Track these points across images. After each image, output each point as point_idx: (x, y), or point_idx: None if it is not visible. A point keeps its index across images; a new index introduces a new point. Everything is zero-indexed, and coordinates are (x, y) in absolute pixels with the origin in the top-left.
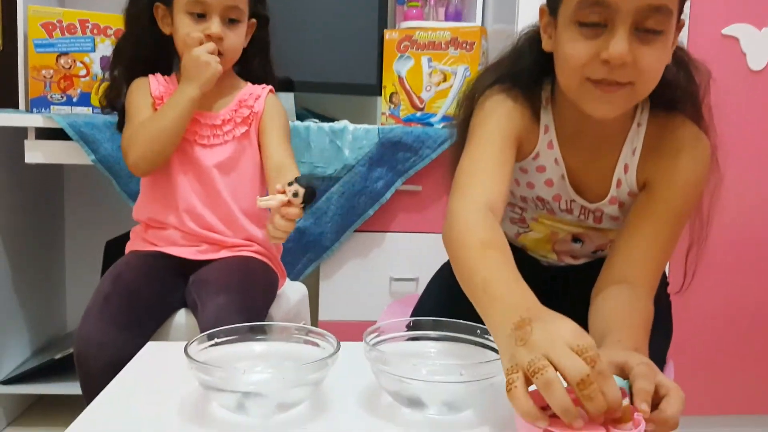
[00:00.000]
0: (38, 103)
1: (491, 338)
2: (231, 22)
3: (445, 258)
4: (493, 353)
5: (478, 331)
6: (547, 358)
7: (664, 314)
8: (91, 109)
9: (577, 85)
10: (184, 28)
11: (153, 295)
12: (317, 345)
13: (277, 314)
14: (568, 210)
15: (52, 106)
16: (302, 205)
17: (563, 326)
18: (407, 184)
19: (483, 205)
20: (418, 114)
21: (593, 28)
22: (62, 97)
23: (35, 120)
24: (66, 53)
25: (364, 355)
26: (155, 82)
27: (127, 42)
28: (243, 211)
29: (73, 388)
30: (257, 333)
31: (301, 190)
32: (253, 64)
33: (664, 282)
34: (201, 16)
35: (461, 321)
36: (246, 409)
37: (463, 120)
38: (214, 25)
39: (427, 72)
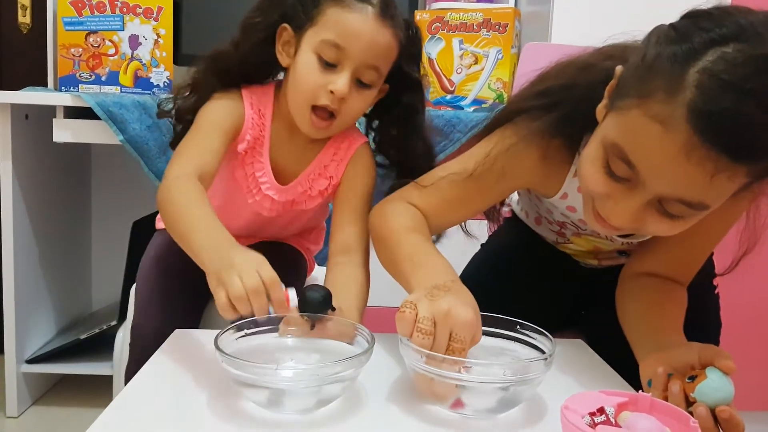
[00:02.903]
0: (67, 82)
1: (532, 334)
2: (361, 84)
3: (477, 246)
4: (536, 351)
5: (518, 326)
6: (435, 324)
7: (713, 310)
8: (119, 88)
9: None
10: (307, 71)
11: (196, 275)
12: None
13: None
14: (611, 240)
15: (80, 85)
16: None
17: (464, 314)
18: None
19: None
20: (448, 97)
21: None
22: (91, 75)
23: (64, 99)
24: (95, 32)
25: (400, 350)
26: (249, 112)
27: (237, 54)
28: (291, 232)
29: (97, 368)
30: (285, 323)
31: (314, 320)
32: (387, 126)
33: (710, 273)
34: (331, 65)
35: (499, 316)
36: (277, 406)
37: (489, 126)
38: (342, 81)
39: (458, 54)
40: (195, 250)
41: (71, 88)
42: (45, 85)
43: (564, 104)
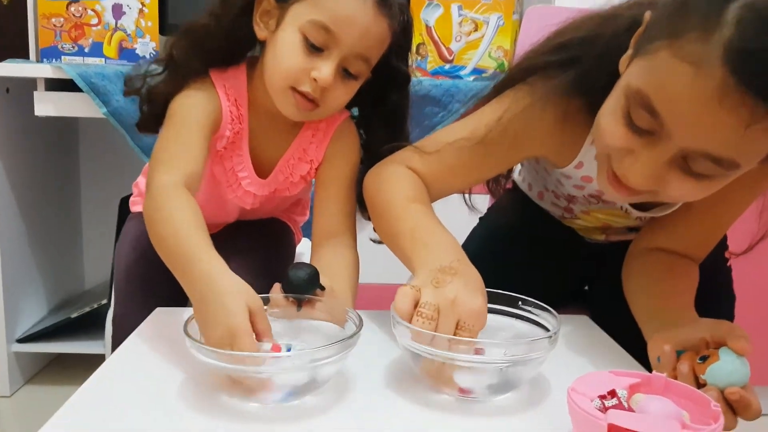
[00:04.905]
0: (49, 54)
1: (535, 311)
2: (347, 74)
3: (476, 220)
4: (539, 329)
5: (520, 302)
6: (438, 311)
7: (725, 284)
8: (103, 60)
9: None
10: (289, 51)
11: None
12: None
13: None
14: (627, 212)
15: (63, 57)
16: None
17: (472, 302)
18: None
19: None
20: (447, 66)
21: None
22: (74, 47)
23: (44, 70)
24: (76, 0)
25: (392, 328)
26: (226, 104)
27: (218, 27)
28: (276, 213)
29: (90, 346)
30: (270, 305)
31: (300, 301)
32: (375, 127)
33: (722, 245)
34: (317, 49)
35: (500, 291)
36: (254, 397)
37: (500, 86)
38: (327, 69)
39: (457, 21)
40: (186, 285)
41: (53, 60)
42: (27, 57)
43: (585, 59)
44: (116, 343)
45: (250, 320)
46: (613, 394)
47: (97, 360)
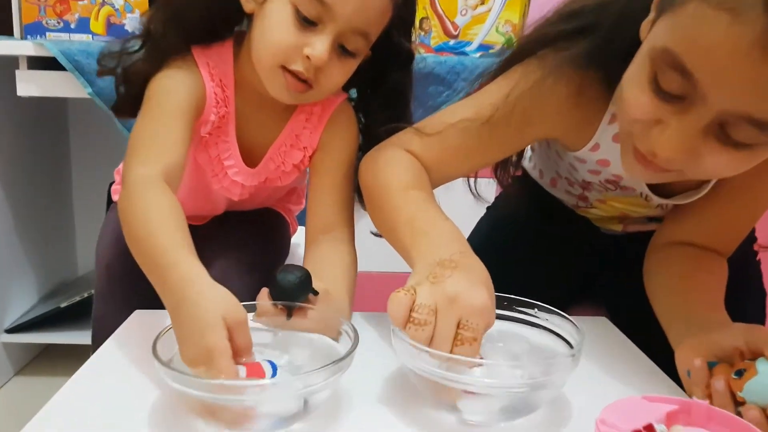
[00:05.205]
0: (33, 30)
1: (553, 318)
2: (344, 51)
3: (483, 209)
4: (555, 337)
5: (535, 309)
6: (436, 312)
7: (755, 279)
8: (90, 36)
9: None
10: (279, 26)
11: None
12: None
13: None
14: (647, 199)
15: (48, 33)
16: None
17: (475, 296)
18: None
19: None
20: (452, 42)
21: None
22: (59, 22)
23: (26, 47)
24: None
25: (392, 343)
26: (210, 86)
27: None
28: (269, 204)
29: (82, 337)
30: (257, 314)
31: (290, 308)
32: (374, 110)
33: (751, 237)
34: (310, 23)
35: (512, 296)
36: (234, 428)
37: (507, 62)
38: (321, 46)
39: None
40: (162, 293)
41: (37, 37)
42: (11, 33)
43: (600, 26)
44: (96, 345)
45: (229, 335)
46: (650, 430)
47: (88, 351)
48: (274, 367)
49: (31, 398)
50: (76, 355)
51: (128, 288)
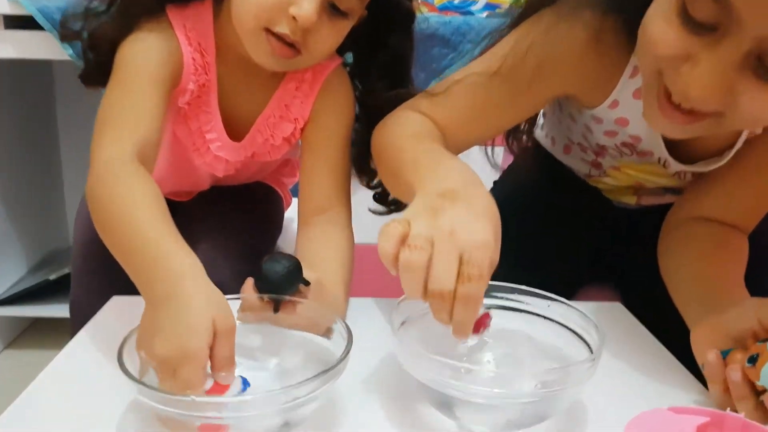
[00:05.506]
0: None
1: (568, 314)
2: (335, 11)
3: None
4: (569, 333)
5: (548, 304)
6: (432, 244)
7: None
8: None
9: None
10: None
11: None
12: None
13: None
14: (664, 165)
15: None
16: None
17: (477, 229)
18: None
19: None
20: (457, 1)
21: None
22: None
23: (0, 5)
24: None
25: (392, 339)
26: (187, 50)
27: None
28: (259, 178)
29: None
30: (241, 308)
31: (279, 302)
32: (372, 76)
33: None
34: None
35: (524, 287)
36: None
37: (518, 18)
38: (307, 4)
39: None
40: (142, 283)
41: None
42: None
43: None
44: (74, 331)
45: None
46: None
47: None
48: (246, 385)
49: (23, 371)
50: (67, 329)
51: (106, 272)
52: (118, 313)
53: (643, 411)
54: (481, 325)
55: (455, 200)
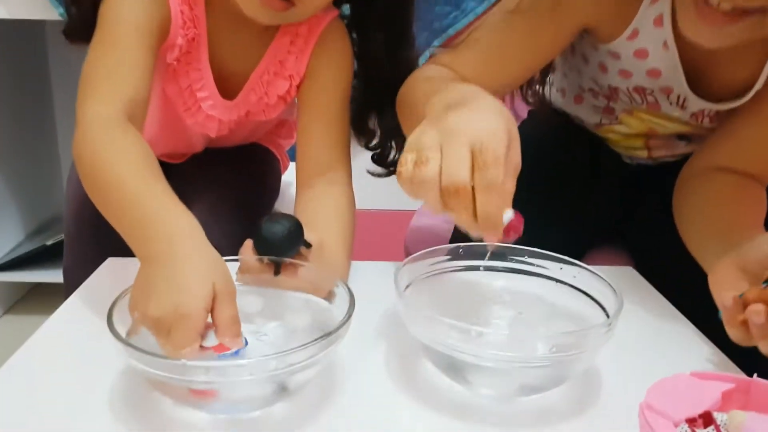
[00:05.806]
0: None
1: (583, 276)
2: None
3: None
4: (585, 297)
5: (562, 267)
6: (441, 150)
7: None
8: None
9: None
10: None
11: None
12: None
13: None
14: (681, 106)
15: None
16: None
17: (486, 119)
18: (447, 47)
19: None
20: None
21: None
22: None
23: None
24: None
25: (397, 302)
26: (175, 3)
27: None
28: (255, 138)
29: None
30: (240, 270)
31: (279, 264)
32: (371, 29)
33: None
34: None
35: (537, 250)
36: (203, 408)
37: None
38: None
39: None
40: (136, 243)
41: None
42: None
43: None
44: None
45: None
46: (708, 418)
47: None
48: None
49: (23, 336)
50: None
51: (99, 236)
52: (112, 276)
53: (664, 377)
54: (511, 228)
55: (460, 107)
